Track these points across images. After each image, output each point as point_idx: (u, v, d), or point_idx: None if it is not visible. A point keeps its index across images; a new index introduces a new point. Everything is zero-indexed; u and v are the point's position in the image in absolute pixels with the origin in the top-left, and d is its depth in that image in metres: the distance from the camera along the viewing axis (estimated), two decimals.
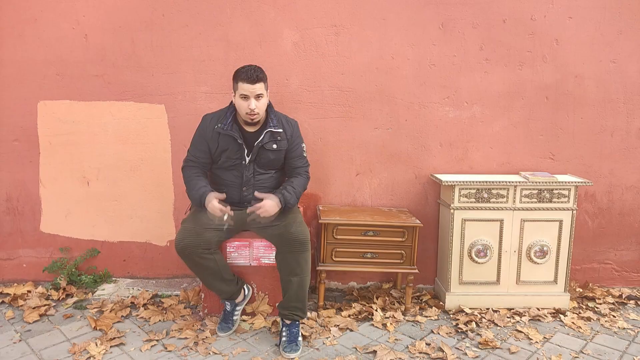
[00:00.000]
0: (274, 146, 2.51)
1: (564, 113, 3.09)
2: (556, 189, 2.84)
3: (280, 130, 2.51)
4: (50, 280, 3.08)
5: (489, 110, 3.07)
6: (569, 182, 2.84)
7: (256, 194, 2.48)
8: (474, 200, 2.83)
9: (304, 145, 2.64)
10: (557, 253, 2.90)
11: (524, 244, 2.88)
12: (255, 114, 2.40)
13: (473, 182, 2.81)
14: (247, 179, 2.52)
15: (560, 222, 2.87)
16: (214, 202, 2.37)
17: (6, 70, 2.95)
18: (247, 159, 2.50)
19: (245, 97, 2.38)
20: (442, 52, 3.01)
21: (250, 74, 2.36)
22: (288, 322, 2.45)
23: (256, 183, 2.53)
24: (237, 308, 2.60)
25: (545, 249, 2.88)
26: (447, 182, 2.82)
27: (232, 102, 2.51)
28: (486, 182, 2.81)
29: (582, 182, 2.84)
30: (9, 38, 2.93)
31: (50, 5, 2.91)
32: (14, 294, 2.90)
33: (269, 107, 2.55)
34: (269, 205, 2.41)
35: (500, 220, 2.85)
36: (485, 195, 2.83)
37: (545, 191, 2.84)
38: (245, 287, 2.64)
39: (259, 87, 2.37)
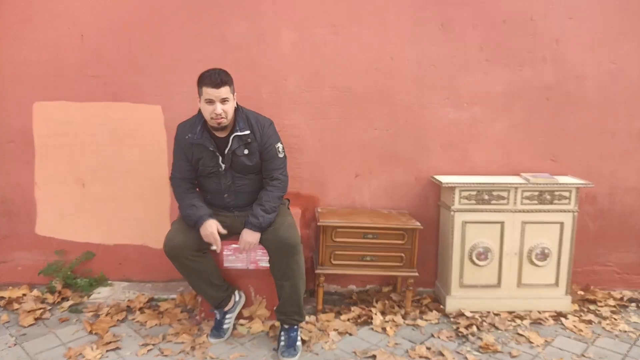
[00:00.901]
0: (245, 151, 2.42)
1: (565, 114, 3.07)
2: (557, 191, 2.82)
3: (248, 132, 2.40)
4: (45, 283, 3.04)
5: (489, 111, 3.05)
6: (570, 184, 2.82)
7: (234, 247, 2.46)
8: (475, 202, 2.81)
9: (279, 145, 2.49)
10: (558, 255, 2.88)
11: (525, 246, 2.86)
12: (221, 119, 2.30)
13: (473, 183, 2.78)
14: (226, 186, 2.47)
15: (562, 224, 2.85)
16: (213, 232, 2.36)
17: (1, 71, 2.93)
18: (223, 167, 2.43)
19: (210, 101, 2.28)
20: (442, 53, 2.99)
21: (214, 77, 2.27)
22: (287, 326, 2.43)
23: (237, 189, 2.48)
24: (227, 316, 2.55)
25: (546, 251, 2.86)
26: (447, 183, 2.79)
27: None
28: (487, 183, 2.79)
29: (583, 184, 2.82)
30: (4, 38, 2.90)
31: (46, 5, 2.89)
32: (9, 298, 2.87)
33: (237, 109, 2.44)
34: (248, 237, 2.39)
35: (501, 222, 2.83)
36: (486, 197, 2.81)
37: (546, 193, 2.82)
38: (235, 293, 2.61)
39: (224, 91, 2.28)
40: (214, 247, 2.40)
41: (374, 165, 3.08)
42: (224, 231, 2.41)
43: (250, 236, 2.40)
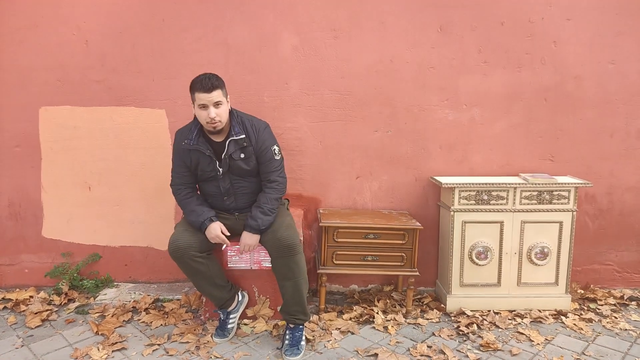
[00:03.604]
0: (242, 155, 2.44)
1: (564, 114, 3.09)
2: (556, 191, 2.85)
3: (243, 136, 2.42)
4: (52, 285, 3.09)
5: (489, 112, 3.08)
6: (568, 184, 2.84)
7: (236, 250, 2.52)
8: (474, 202, 2.84)
9: (275, 147, 2.50)
10: (558, 254, 2.90)
11: (525, 245, 2.88)
12: (216, 122, 2.32)
13: (473, 184, 2.81)
14: (225, 190, 2.50)
15: (561, 223, 2.87)
16: (218, 235, 2.42)
17: (7, 77, 2.97)
18: (220, 171, 2.46)
19: (203, 106, 2.30)
20: (441, 55, 3.02)
21: (205, 82, 2.28)
22: (292, 325, 2.46)
23: (236, 191, 2.51)
24: (231, 316, 2.58)
25: (545, 250, 2.88)
26: (447, 184, 2.82)
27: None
28: (486, 184, 2.82)
29: (582, 184, 2.84)
30: (10, 44, 2.95)
31: (51, 11, 2.93)
32: (16, 299, 2.91)
33: (232, 113, 2.46)
34: (247, 240, 2.45)
35: (500, 222, 2.86)
36: (485, 197, 2.84)
37: (545, 193, 2.84)
38: (239, 294, 2.64)
39: (216, 95, 2.29)
40: (224, 246, 2.48)
41: (374, 167, 3.11)
42: (228, 233, 2.46)
43: (249, 239, 2.45)
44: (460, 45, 3.02)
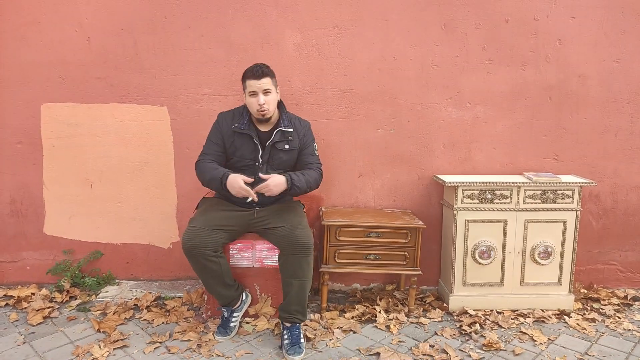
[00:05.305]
0: (286, 146, 2.54)
1: (568, 113, 3.08)
2: (560, 190, 2.83)
3: (291, 129, 2.55)
4: (53, 282, 3.08)
5: (492, 110, 3.07)
6: (572, 183, 2.82)
7: (261, 175, 2.41)
8: (478, 201, 2.82)
9: (315, 144, 2.67)
10: (561, 254, 2.89)
11: (528, 245, 2.87)
12: (265, 110, 2.42)
13: (476, 183, 2.80)
14: (258, 180, 2.47)
15: (564, 222, 2.86)
16: (240, 183, 2.33)
17: (9, 73, 2.97)
18: (261, 160, 2.51)
19: (253, 93, 2.41)
20: (444, 53, 3.01)
21: (256, 70, 2.41)
22: (288, 324, 2.45)
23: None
24: (235, 314, 2.58)
25: (549, 250, 2.87)
26: (450, 183, 2.81)
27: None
28: (489, 182, 2.80)
29: (586, 183, 2.83)
30: (11, 41, 2.94)
31: (53, 8, 2.92)
32: (18, 297, 2.91)
33: (282, 107, 2.60)
34: (277, 181, 2.38)
35: (503, 221, 2.84)
36: (489, 196, 2.82)
37: (549, 192, 2.83)
38: (244, 293, 2.64)
39: (265, 82, 2.40)
40: (249, 199, 2.39)
41: (377, 165, 3.10)
42: (250, 179, 2.40)
43: (277, 182, 2.37)
44: (464, 43, 3.00)
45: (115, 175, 3.07)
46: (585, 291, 3.13)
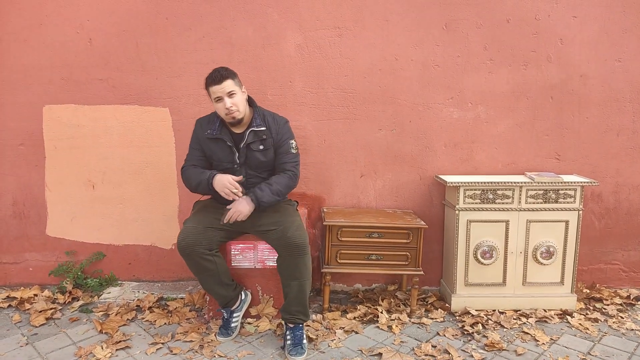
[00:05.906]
0: (260, 147, 2.50)
1: (569, 113, 3.07)
2: (562, 190, 2.83)
3: (264, 128, 2.49)
4: (56, 283, 3.09)
5: (494, 110, 3.06)
6: (574, 183, 2.82)
7: (226, 208, 2.43)
8: (479, 201, 2.82)
9: (293, 142, 2.57)
10: (564, 254, 2.88)
11: (530, 244, 2.87)
12: (233, 112, 2.39)
13: (478, 183, 2.79)
14: (240, 183, 2.49)
15: (567, 222, 2.85)
16: (230, 181, 2.37)
17: (12, 75, 2.98)
18: (238, 162, 2.49)
19: (219, 99, 2.38)
20: (446, 53, 3.01)
21: (215, 75, 2.37)
22: (291, 325, 2.45)
23: (250, 186, 2.51)
24: (235, 315, 2.58)
25: (551, 249, 2.86)
26: (452, 183, 2.81)
27: None
28: (491, 182, 2.80)
29: (588, 182, 2.82)
30: (14, 43, 2.95)
31: (55, 10, 2.93)
32: (21, 298, 2.92)
33: (254, 105, 2.55)
34: (240, 205, 2.40)
35: (505, 221, 2.84)
36: (491, 196, 2.82)
37: (551, 191, 2.83)
38: (242, 293, 2.64)
39: (227, 85, 2.36)
40: (237, 195, 2.40)
41: (379, 165, 3.10)
42: (238, 178, 2.43)
43: (243, 205, 2.40)
44: (466, 43, 3.00)
45: (117, 176, 3.08)
46: (588, 291, 3.13)
